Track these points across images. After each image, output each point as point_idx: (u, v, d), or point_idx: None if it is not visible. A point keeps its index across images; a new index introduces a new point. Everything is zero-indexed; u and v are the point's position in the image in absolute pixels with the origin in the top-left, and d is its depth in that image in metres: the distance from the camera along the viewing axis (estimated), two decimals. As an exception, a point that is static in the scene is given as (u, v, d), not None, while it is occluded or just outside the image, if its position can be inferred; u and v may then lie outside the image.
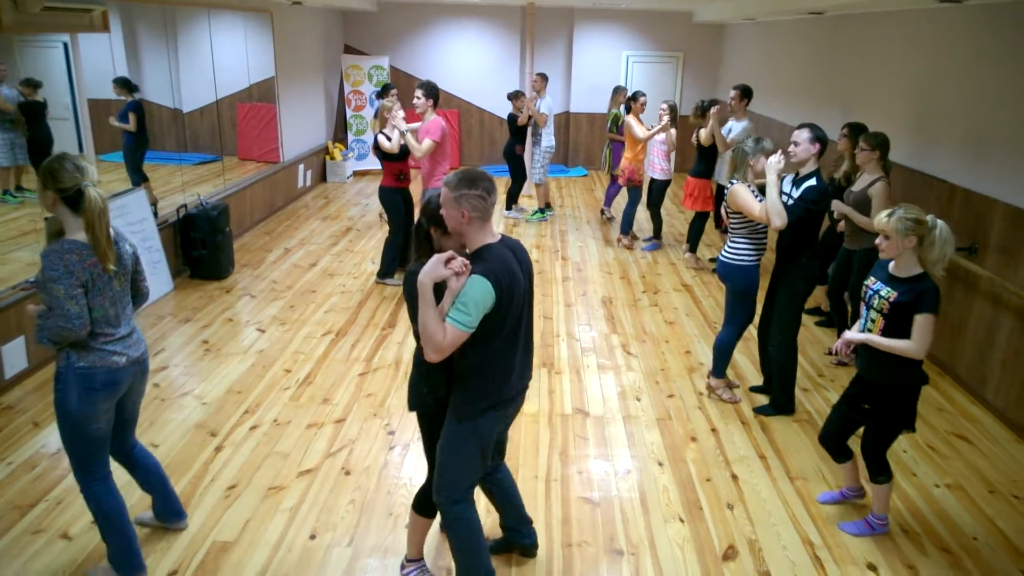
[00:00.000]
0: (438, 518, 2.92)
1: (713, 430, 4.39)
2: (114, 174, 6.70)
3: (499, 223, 8.90)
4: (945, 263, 3.15)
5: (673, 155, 7.86)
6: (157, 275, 6.17)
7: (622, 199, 9.19)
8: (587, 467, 3.98)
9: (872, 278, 3.30)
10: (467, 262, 2.52)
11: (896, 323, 3.15)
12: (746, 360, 5.31)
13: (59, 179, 2.67)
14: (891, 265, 3.22)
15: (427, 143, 6.04)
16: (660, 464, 4.03)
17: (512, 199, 9.29)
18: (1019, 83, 4.56)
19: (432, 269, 2.46)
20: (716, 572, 3.21)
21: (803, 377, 4.99)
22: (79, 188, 2.68)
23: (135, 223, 5.99)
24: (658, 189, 7.84)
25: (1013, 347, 4.48)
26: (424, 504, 2.94)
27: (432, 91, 6.20)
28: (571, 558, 3.27)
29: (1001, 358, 4.58)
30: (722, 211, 4.63)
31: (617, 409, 4.61)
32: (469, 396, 2.68)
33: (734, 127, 7.24)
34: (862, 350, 3.33)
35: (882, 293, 3.19)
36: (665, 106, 7.60)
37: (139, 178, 6.74)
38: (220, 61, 8.03)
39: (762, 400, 4.71)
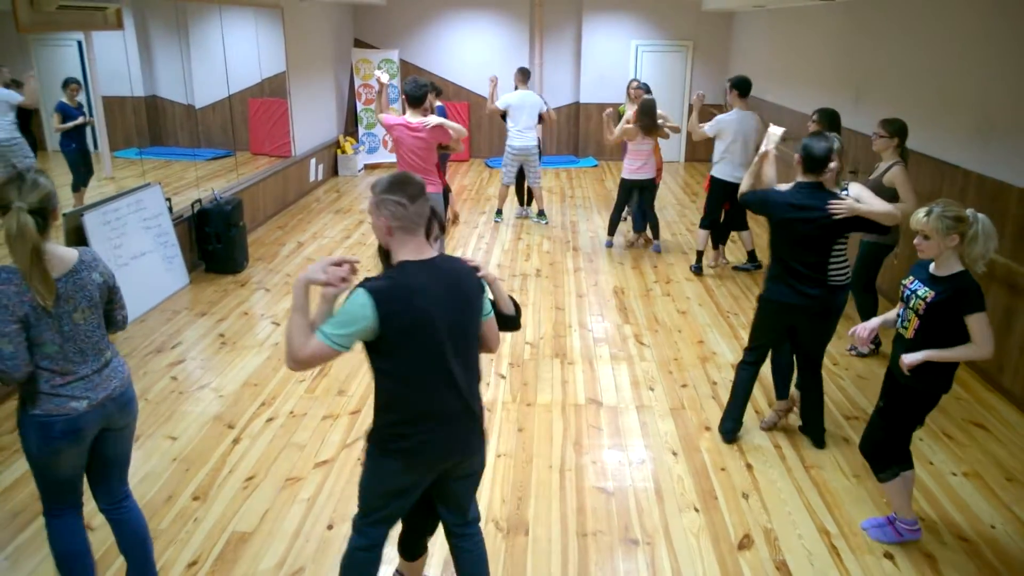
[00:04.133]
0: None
1: (727, 419, 4.38)
2: (128, 170, 6.76)
3: (511, 224, 8.90)
4: (987, 259, 2.94)
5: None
6: (173, 270, 6.23)
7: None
8: (601, 457, 3.99)
9: (911, 277, 3.12)
10: (350, 271, 2.26)
11: (932, 324, 2.98)
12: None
13: None
14: (932, 265, 3.04)
15: (432, 118, 5.48)
16: (674, 454, 4.03)
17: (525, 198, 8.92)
18: (1035, 67, 4.52)
19: (311, 272, 2.23)
20: (732, 561, 3.22)
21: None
22: (6, 206, 2.36)
23: (151, 218, 6.05)
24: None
25: (1030, 334, 4.44)
26: (402, 546, 2.84)
27: (408, 88, 5.52)
28: (586, 547, 3.29)
29: (1018, 344, 4.55)
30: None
31: (630, 399, 4.62)
32: (376, 426, 2.40)
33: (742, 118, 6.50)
34: (895, 348, 3.15)
35: (919, 293, 3.02)
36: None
37: (78, 181, 6.19)
38: (232, 57, 8.07)
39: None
